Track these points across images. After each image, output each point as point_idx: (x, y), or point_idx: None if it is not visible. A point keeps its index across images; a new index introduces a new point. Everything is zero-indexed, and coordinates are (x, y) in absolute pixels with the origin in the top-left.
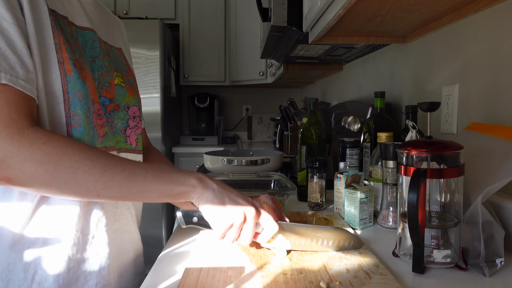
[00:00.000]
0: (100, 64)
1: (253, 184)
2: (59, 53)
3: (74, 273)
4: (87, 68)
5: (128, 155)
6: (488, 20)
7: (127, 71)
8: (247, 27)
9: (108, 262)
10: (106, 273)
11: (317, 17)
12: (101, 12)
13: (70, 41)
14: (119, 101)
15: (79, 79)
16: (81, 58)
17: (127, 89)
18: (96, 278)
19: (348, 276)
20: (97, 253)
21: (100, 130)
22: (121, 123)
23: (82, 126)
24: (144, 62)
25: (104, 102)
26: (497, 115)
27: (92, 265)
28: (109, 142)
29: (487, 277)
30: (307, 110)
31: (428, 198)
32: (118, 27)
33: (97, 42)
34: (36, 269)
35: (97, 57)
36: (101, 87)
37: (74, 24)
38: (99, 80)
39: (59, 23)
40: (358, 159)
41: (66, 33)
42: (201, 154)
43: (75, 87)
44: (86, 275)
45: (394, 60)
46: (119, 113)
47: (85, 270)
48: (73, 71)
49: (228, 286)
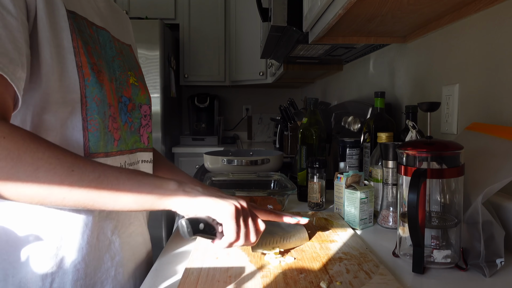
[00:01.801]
0: (118, 63)
1: (253, 184)
2: (78, 57)
3: (91, 279)
4: (104, 71)
5: (143, 154)
6: (488, 20)
7: (138, 68)
8: (247, 27)
9: (123, 266)
10: (121, 277)
11: (317, 17)
12: (111, 8)
13: (89, 43)
14: (135, 100)
15: (97, 83)
16: (99, 61)
17: (140, 88)
18: (112, 283)
19: (348, 276)
20: (113, 258)
21: (116, 133)
22: (137, 122)
23: (99, 130)
24: (144, 62)
25: (125, 101)
26: (497, 115)
27: (108, 271)
28: (123, 145)
29: (487, 277)
30: (307, 110)
31: (428, 198)
32: (126, 23)
33: (112, 42)
34: (54, 277)
35: (115, 56)
36: (122, 87)
37: (94, 24)
38: (119, 79)
39: (78, 25)
40: (358, 159)
41: (85, 35)
42: (201, 154)
43: (93, 92)
44: (102, 281)
45: (394, 60)
46: (135, 112)
47: (102, 275)
48: (91, 75)
49: (228, 286)
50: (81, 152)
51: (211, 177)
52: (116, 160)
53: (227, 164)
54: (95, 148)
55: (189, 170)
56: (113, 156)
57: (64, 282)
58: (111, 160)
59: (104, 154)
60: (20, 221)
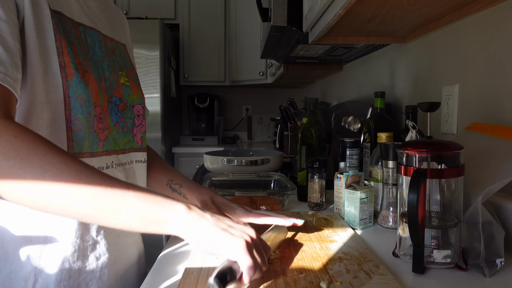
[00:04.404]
0: (108, 63)
1: (253, 184)
2: (61, 57)
3: (75, 280)
4: (90, 71)
5: (137, 154)
6: (488, 20)
7: (132, 68)
8: (247, 27)
9: (109, 267)
10: (107, 278)
11: (317, 17)
12: (105, 6)
13: (74, 43)
14: (126, 100)
15: (81, 83)
16: (85, 61)
17: (132, 88)
18: (96, 284)
19: (348, 276)
20: (98, 259)
21: (102, 134)
22: (130, 122)
23: (83, 130)
24: (144, 62)
25: (116, 101)
26: (497, 115)
27: (93, 271)
28: (111, 145)
29: (487, 278)
30: (307, 110)
31: (428, 198)
32: (121, 22)
33: (102, 42)
34: (37, 277)
35: (104, 56)
36: (112, 87)
37: (82, 24)
38: (109, 80)
39: (63, 25)
40: (358, 159)
41: (71, 35)
42: (201, 154)
43: (76, 92)
44: (87, 281)
45: (394, 60)
46: (127, 112)
47: (86, 276)
48: (74, 75)
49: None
50: None
51: (211, 177)
52: (102, 160)
53: (227, 164)
54: (79, 148)
55: (189, 170)
56: (99, 157)
57: (48, 283)
58: (97, 160)
59: (89, 154)
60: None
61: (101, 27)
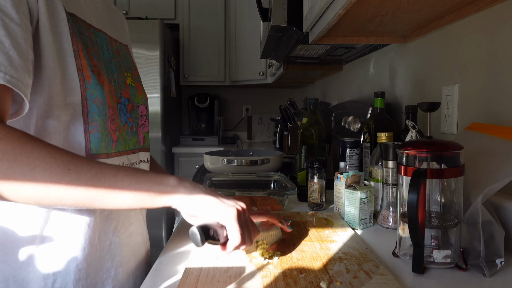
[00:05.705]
0: (115, 64)
1: (253, 184)
2: (78, 60)
3: (92, 279)
4: (103, 73)
5: (141, 154)
6: (488, 20)
7: (135, 68)
8: (247, 27)
9: (122, 266)
10: (121, 276)
11: (317, 17)
12: (108, 8)
13: (89, 46)
14: (133, 101)
15: (98, 85)
16: (98, 63)
17: (137, 88)
18: (112, 283)
19: (348, 276)
20: (113, 258)
21: (114, 135)
22: (136, 123)
23: (100, 132)
24: (144, 62)
25: (124, 102)
26: (497, 115)
27: (108, 270)
28: (121, 146)
29: (487, 277)
30: (307, 110)
31: (428, 198)
32: (123, 23)
33: (109, 44)
34: (56, 276)
35: (112, 58)
36: (120, 88)
37: (92, 26)
38: (118, 81)
39: (78, 28)
40: (358, 159)
41: (85, 37)
42: (201, 154)
43: (93, 94)
44: (103, 280)
45: (394, 60)
46: (134, 112)
47: (102, 275)
48: (91, 78)
49: (228, 286)
50: (83, 154)
51: (211, 177)
52: (115, 161)
53: (227, 164)
54: (96, 149)
55: (189, 170)
56: (113, 157)
57: (66, 282)
58: (111, 161)
59: (105, 155)
60: (21, 222)
61: (107, 29)
